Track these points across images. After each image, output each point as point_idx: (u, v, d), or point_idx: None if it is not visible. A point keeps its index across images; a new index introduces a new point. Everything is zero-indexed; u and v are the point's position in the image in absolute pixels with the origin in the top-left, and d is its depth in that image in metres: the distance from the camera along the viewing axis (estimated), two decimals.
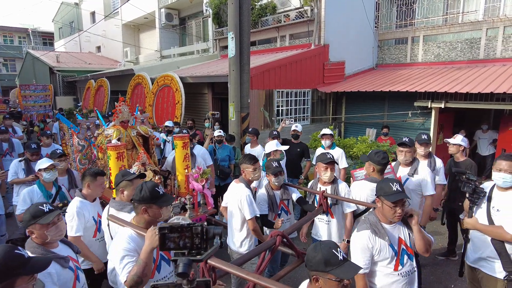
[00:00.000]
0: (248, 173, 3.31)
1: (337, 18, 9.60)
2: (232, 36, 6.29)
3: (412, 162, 3.77)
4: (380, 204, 2.29)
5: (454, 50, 9.41)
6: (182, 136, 3.82)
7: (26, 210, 2.15)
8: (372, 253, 2.28)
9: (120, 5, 18.11)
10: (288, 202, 3.65)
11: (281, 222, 3.34)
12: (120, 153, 3.52)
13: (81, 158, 4.94)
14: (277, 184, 3.51)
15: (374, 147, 6.25)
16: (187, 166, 3.85)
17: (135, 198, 2.15)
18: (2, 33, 35.12)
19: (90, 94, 14.73)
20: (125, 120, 4.10)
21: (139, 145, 4.24)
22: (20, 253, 1.52)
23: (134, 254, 2.02)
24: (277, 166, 3.45)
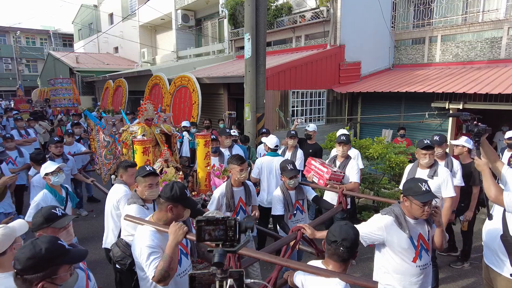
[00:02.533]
0: (235, 173, 3.43)
1: (353, 18, 9.56)
2: (248, 38, 6.36)
3: (432, 164, 3.74)
4: (409, 203, 2.36)
5: (473, 50, 9.23)
6: (204, 135, 3.93)
7: (37, 213, 2.13)
8: (383, 238, 2.40)
9: (137, 7, 18.47)
10: (303, 201, 3.70)
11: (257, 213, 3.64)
12: (146, 147, 3.63)
13: (107, 153, 5.16)
14: (291, 185, 3.57)
15: (390, 148, 6.23)
16: (208, 163, 3.97)
17: (164, 196, 2.19)
18: (24, 35, 36.27)
19: (109, 94, 15.07)
20: (150, 118, 4.23)
21: (162, 142, 4.36)
22: (62, 243, 1.62)
23: (159, 250, 2.08)
24: (292, 169, 3.50)
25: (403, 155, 6.26)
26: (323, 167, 4.27)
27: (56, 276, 1.53)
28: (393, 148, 6.28)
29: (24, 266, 1.46)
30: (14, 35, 30.96)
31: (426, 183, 2.36)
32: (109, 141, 5.15)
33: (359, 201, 6.17)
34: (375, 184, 6.39)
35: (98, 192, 6.02)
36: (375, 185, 6.39)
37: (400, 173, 5.82)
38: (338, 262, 1.87)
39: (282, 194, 3.58)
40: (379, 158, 5.95)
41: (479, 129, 2.71)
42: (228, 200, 3.44)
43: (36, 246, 1.52)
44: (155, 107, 4.33)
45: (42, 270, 1.49)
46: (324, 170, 4.23)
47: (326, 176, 4.18)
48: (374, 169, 6.39)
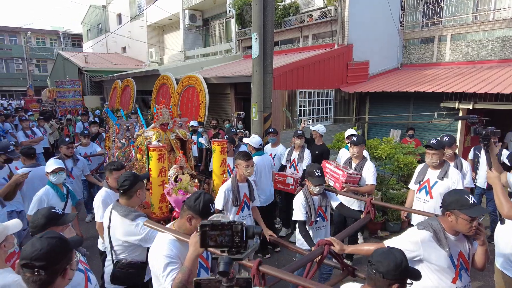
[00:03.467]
0: (241, 169, 3.46)
1: (361, 17, 9.49)
2: (256, 37, 6.35)
3: (441, 165, 3.69)
4: (453, 218, 2.15)
5: (484, 49, 9.08)
6: (221, 141, 3.85)
7: (36, 215, 2.13)
8: (419, 256, 2.21)
9: (145, 7, 18.59)
10: (326, 208, 3.50)
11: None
12: (161, 154, 3.44)
13: (120, 155, 5.02)
14: (316, 192, 3.36)
15: (399, 148, 6.17)
16: (224, 171, 3.90)
17: (187, 203, 2.09)
18: (35, 36, 36.79)
19: (117, 93, 15.19)
20: (165, 123, 4.10)
21: (177, 148, 4.24)
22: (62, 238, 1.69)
23: (177, 261, 1.98)
24: (319, 176, 3.29)
25: (412, 155, 6.20)
26: (338, 170, 4.18)
27: (72, 261, 1.63)
28: (401, 148, 6.22)
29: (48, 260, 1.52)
30: (24, 35, 31.46)
31: (472, 195, 2.17)
32: (125, 143, 5.04)
33: None
34: (383, 184, 6.33)
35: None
36: (383, 186, 6.33)
37: (408, 174, 5.76)
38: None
39: (305, 199, 3.37)
40: (388, 158, 5.89)
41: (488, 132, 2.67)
42: (235, 195, 3.47)
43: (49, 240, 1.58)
44: (171, 112, 4.20)
45: (64, 257, 1.59)
46: (340, 173, 4.14)
47: (342, 179, 4.08)
48: (382, 169, 6.33)
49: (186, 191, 3.31)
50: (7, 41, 36.09)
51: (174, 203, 3.27)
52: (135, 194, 2.66)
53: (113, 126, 5.13)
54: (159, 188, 3.43)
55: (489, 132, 2.63)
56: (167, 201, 3.50)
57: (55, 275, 1.55)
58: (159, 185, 3.43)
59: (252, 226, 1.26)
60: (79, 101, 14.87)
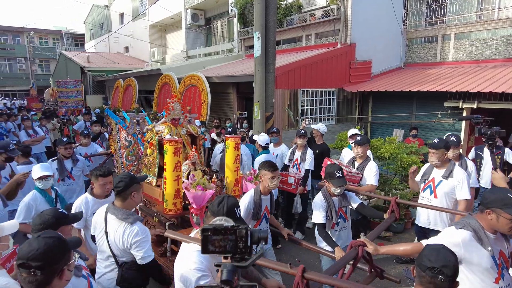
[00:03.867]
0: (266, 180, 3.17)
1: (364, 16, 9.43)
2: (258, 36, 6.32)
3: (446, 164, 3.65)
4: (494, 216, 2.05)
5: (488, 48, 9.01)
6: (235, 137, 3.72)
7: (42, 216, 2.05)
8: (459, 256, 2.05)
9: (147, 7, 18.59)
10: (346, 209, 3.42)
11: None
12: (177, 148, 3.29)
13: (128, 154, 4.86)
14: (336, 193, 3.27)
15: (402, 148, 6.12)
16: (237, 168, 3.75)
17: (211, 209, 1.96)
18: (38, 36, 36.91)
19: (119, 93, 15.20)
20: (176, 118, 3.97)
21: (188, 144, 4.14)
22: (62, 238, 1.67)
23: (209, 274, 1.88)
24: (340, 177, 3.18)
25: (415, 155, 6.15)
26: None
27: (70, 261, 1.61)
28: (405, 148, 6.17)
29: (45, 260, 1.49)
30: (27, 35, 31.53)
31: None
32: (131, 141, 4.84)
33: (370, 202, 6.08)
34: (386, 184, 6.29)
35: None
36: (386, 186, 6.28)
37: None
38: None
39: (325, 200, 3.27)
40: (391, 158, 5.85)
41: (493, 132, 2.63)
42: (256, 208, 3.19)
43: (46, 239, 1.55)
44: (183, 107, 4.05)
45: (62, 258, 1.56)
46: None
47: None
48: (385, 169, 6.29)
49: (204, 186, 3.23)
50: (10, 41, 36.22)
51: (192, 199, 3.16)
52: (130, 196, 2.54)
53: (116, 126, 4.96)
54: (174, 183, 3.31)
55: (494, 132, 2.59)
56: (181, 197, 3.42)
57: (52, 275, 1.52)
58: (174, 180, 3.31)
59: (258, 231, 1.18)
60: (81, 101, 14.85)
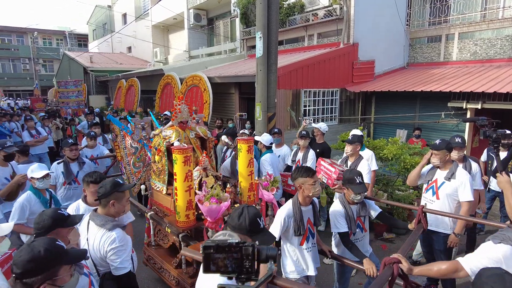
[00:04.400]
0: (308, 188, 2.77)
1: (367, 16, 9.38)
2: (260, 36, 6.28)
3: (449, 165, 3.60)
4: None
5: (493, 47, 8.92)
6: (247, 139, 3.48)
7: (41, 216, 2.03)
8: None
9: (150, 7, 18.62)
10: (364, 218, 3.19)
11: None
12: (187, 157, 3.03)
13: (135, 161, 4.59)
14: (356, 201, 3.07)
15: (405, 149, 6.06)
16: (251, 172, 3.47)
17: (230, 223, 1.82)
18: (41, 36, 37.10)
19: (121, 93, 15.22)
20: (184, 121, 3.71)
21: (198, 148, 3.86)
22: (60, 244, 1.62)
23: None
24: (360, 183, 2.98)
25: (418, 156, 6.09)
26: (331, 167, 4.17)
27: (57, 277, 1.53)
28: (408, 149, 6.11)
29: (24, 269, 1.44)
30: (31, 36, 31.70)
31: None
32: (137, 147, 4.59)
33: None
34: (389, 185, 6.23)
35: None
36: (389, 187, 6.23)
37: None
38: None
39: (343, 208, 3.07)
40: (394, 159, 5.79)
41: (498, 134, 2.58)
42: (297, 223, 2.80)
43: (34, 248, 1.51)
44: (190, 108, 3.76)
45: (42, 272, 1.48)
46: (332, 170, 4.13)
47: (334, 176, 4.05)
48: (388, 170, 6.23)
49: (219, 198, 2.96)
50: (14, 41, 36.42)
51: (206, 212, 2.92)
52: (109, 204, 2.43)
53: (120, 132, 4.68)
54: (186, 194, 3.06)
55: (500, 135, 2.54)
56: (194, 208, 3.20)
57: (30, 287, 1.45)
58: (186, 190, 3.06)
59: (266, 248, 1.06)
60: (82, 101, 14.82)
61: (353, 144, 4.44)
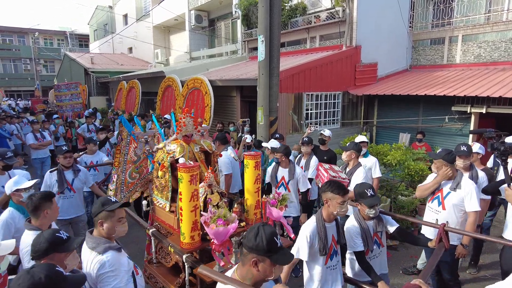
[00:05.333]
0: (334, 206, 2.67)
1: (370, 18, 9.29)
2: (262, 40, 6.21)
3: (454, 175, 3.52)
4: None
5: (497, 50, 8.83)
6: (254, 155, 3.30)
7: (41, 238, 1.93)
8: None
9: (151, 8, 18.56)
10: (381, 234, 3.06)
11: None
12: (193, 175, 2.88)
13: (133, 170, 4.30)
14: (371, 215, 2.93)
15: (409, 154, 5.98)
16: (258, 189, 3.32)
17: (247, 244, 1.72)
18: (42, 36, 37.12)
19: (122, 95, 15.16)
20: (189, 134, 3.51)
21: (203, 162, 3.64)
22: (60, 270, 1.58)
23: None
24: (372, 196, 2.86)
25: (422, 161, 6.01)
26: (325, 173, 4.13)
27: None
28: (412, 154, 6.04)
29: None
30: (32, 36, 31.68)
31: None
32: (141, 156, 4.31)
33: None
34: (392, 191, 6.16)
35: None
36: (393, 192, 6.15)
37: (420, 181, 5.57)
38: None
39: (359, 225, 2.95)
40: (397, 165, 5.72)
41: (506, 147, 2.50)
42: (322, 241, 2.68)
43: (34, 275, 1.46)
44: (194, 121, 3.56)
45: None
46: (325, 175, 4.09)
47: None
48: (392, 176, 6.16)
49: (226, 219, 2.79)
50: (16, 41, 36.45)
51: (213, 235, 2.76)
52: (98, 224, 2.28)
53: (127, 137, 4.39)
54: (191, 214, 2.92)
55: (508, 148, 2.46)
56: (199, 228, 3.02)
57: None
58: (191, 211, 2.92)
59: None
60: (78, 104, 14.68)
61: (348, 151, 4.37)
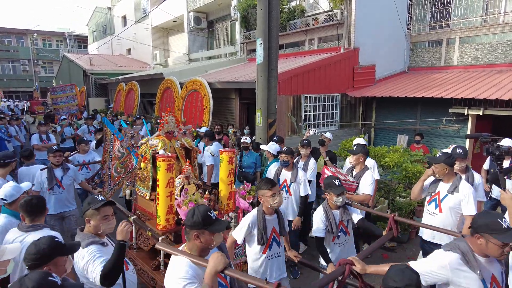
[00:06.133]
0: (267, 200, 2.92)
1: (368, 20, 9.34)
2: (260, 43, 6.25)
3: (452, 178, 3.55)
4: (483, 241, 2.02)
5: (494, 52, 8.89)
6: (229, 150, 3.73)
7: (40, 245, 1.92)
8: (446, 279, 2.10)
9: (150, 10, 18.58)
10: (347, 222, 3.36)
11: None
12: (170, 164, 3.34)
13: (118, 166, 4.81)
14: (339, 204, 3.23)
15: (407, 156, 6.02)
16: (231, 181, 3.74)
17: (187, 224, 2.03)
18: (41, 37, 37.07)
19: (121, 96, 15.18)
20: (171, 131, 3.99)
21: (183, 157, 4.13)
22: (54, 280, 1.55)
23: (195, 281, 1.93)
24: (340, 186, 3.19)
25: (420, 163, 6.05)
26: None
27: None
28: (409, 156, 6.07)
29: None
30: (31, 37, 31.66)
31: (505, 218, 2.02)
32: (124, 153, 4.79)
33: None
34: (390, 193, 6.19)
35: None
36: (390, 194, 6.19)
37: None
38: None
39: (324, 214, 3.24)
40: (395, 167, 5.76)
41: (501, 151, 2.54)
42: (261, 232, 2.93)
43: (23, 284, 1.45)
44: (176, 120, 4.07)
45: None
46: None
47: None
48: (389, 178, 6.19)
49: (196, 203, 3.20)
50: (14, 42, 36.41)
51: (184, 216, 3.08)
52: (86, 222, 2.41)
53: (110, 136, 4.88)
54: (167, 199, 3.37)
55: (503, 152, 2.50)
56: (174, 212, 3.43)
57: None
58: (167, 196, 3.37)
59: None
60: (74, 106, 14.66)
61: (356, 154, 4.40)
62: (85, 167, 5.88)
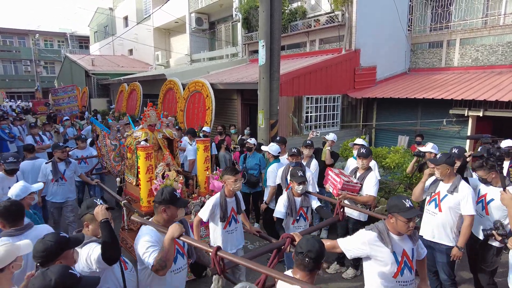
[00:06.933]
0: (230, 184, 3.50)
1: (369, 22, 9.41)
2: (262, 44, 6.31)
3: (452, 178, 3.61)
4: (394, 220, 2.43)
5: (494, 53, 8.95)
6: (204, 140, 4.28)
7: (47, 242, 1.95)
8: (366, 253, 2.49)
9: (152, 11, 18.64)
10: (307, 209, 3.88)
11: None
12: (148, 153, 3.87)
13: (115, 156, 5.42)
14: (299, 192, 3.77)
15: (408, 157, 6.07)
16: (207, 167, 4.35)
17: (156, 200, 2.50)
18: (43, 38, 37.18)
19: (123, 97, 15.25)
20: (153, 124, 4.50)
21: (164, 147, 4.63)
22: (73, 272, 1.63)
23: (157, 244, 2.33)
24: (301, 176, 3.75)
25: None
26: (337, 177, 4.24)
27: None
28: (410, 156, 6.13)
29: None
30: (33, 38, 31.77)
31: (409, 200, 2.42)
32: (116, 144, 5.45)
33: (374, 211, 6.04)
34: (391, 194, 6.25)
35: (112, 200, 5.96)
36: (391, 194, 6.24)
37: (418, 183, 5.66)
38: (304, 272, 2.04)
39: (287, 199, 3.80)
40: (396, 167, 5.82)
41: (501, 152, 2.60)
42: (223, 211, 3.50)
43: (46, 276, 1.53)
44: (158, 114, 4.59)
45: None
46: (338, 180, 4.20)
47: (339, 186, 4.18)
48: (390, 178, 6.25)
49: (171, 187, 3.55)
50: (16, 43, 36.52)
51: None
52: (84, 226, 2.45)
53: (101, 132, 5.53)
54: (147, 184, 3.89)
55: (503, 153, 2.56)
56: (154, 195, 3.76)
57: None
58: (147, 181, 3.89)
59: None
60: (75, 107, 14.72)
61: (368, 157, 4.38)
62: (83, 161, 6.42)
